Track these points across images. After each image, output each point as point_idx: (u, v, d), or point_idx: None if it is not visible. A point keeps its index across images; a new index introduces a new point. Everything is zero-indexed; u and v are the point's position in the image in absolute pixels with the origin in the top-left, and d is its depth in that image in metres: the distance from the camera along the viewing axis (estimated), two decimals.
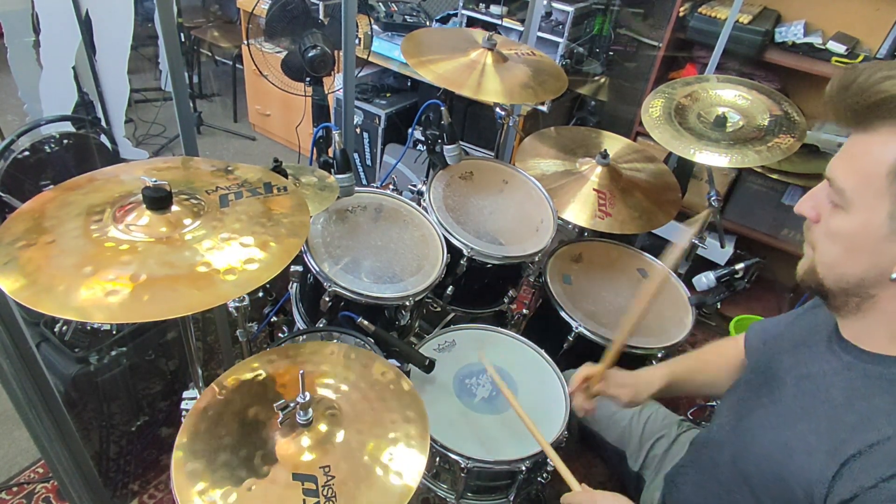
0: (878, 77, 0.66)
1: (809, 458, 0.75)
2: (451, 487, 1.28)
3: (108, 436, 1.66)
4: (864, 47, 2.34)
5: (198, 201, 0.93)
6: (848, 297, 0.75)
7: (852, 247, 0.71)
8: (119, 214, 0.87)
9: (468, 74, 1.65)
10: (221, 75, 4.13)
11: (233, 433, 0.88)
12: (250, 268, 0.83)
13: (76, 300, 0.74)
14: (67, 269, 0.77)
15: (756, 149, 1.55)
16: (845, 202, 0.71)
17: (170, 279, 0.79)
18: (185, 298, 0.77)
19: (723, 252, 2.52)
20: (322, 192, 1.34)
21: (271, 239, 0.89)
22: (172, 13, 1.34)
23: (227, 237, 0.87)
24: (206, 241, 0.86)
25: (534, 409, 1.31)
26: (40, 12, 2.51)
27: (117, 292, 0.75)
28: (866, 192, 0.68)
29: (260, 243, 0.88)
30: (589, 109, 3.01)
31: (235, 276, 0.82)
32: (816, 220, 0.76)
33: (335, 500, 0.81)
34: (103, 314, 0.74)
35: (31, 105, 2.74)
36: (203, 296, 0.78)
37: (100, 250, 0.81)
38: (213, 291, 0.79)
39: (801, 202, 0.78)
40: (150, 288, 0.77)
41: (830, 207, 0.73)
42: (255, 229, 0.90)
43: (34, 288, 0.74)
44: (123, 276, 0.77)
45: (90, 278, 0.76)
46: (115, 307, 0.74)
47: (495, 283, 1.66)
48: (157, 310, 0.75)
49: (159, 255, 0.82)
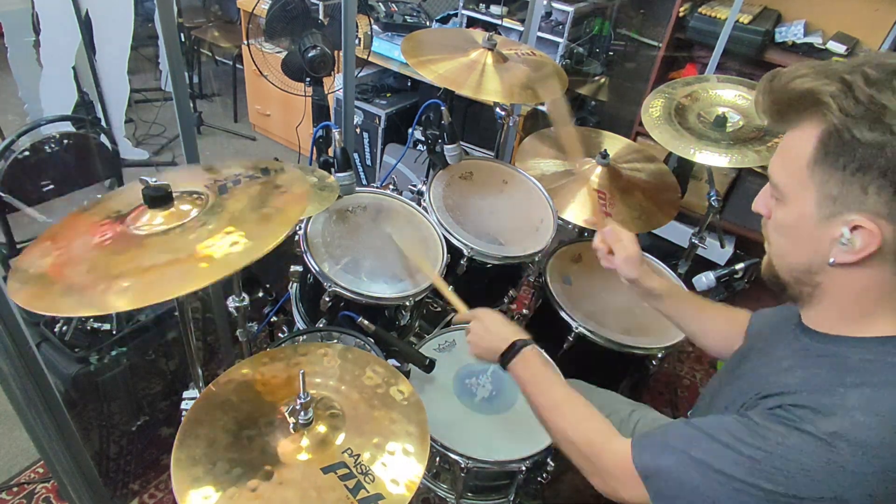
0: (792, 76, 0.70)
1: (742, 403, 0.80)
2: (450, 487, 1.28)
3: (109, 436, 1.66)
4: (864, 47, 2.34)
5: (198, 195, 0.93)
6: (801, 286, 0.78)
7: (794, 237, 0.76)
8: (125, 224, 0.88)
9: (468, 74, 1.65)
10: (221, 75, 4.13)
11: (232, 434, 0.88)
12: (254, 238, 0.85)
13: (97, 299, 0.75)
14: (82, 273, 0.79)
15: (756, 149, 1.55)
16: (782, 196, 0.75)
17: (176, 261, 0.81)
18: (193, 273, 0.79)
19: (722, 252, 2.53)
20: (322, 191, 1.34)
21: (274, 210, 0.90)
22: (172, 13, 1.34)
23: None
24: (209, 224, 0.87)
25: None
26: (40, 12, 2.52)
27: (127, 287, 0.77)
28: (795, 185, 0.73)
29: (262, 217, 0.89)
30: (589, 109, 3.01)
31: (240, 247, 0.83)
32: (769, 216, 0.80)
33: (371, 474, 0.85)
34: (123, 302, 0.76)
35: (32, 105, 2.75)
36: (212, 268, 0.80)
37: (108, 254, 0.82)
38: (223, 262, 0.81)
39: (756, 200, 0.83)
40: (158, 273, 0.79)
41: (774, 203, 0.78)
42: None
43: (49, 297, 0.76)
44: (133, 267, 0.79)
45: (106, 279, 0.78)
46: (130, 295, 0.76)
47: (495, 283, 1.66)
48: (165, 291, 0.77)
49: (163, 244, 0.84)
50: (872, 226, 0.66)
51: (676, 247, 2.56)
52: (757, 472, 0.68)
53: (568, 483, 1.32)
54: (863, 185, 0.66)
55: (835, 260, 0.71)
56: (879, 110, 0.63)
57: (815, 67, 0.69)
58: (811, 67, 0.69)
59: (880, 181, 0.64)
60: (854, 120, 0.64)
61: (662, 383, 2.29)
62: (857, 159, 0.65)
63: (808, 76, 0.69)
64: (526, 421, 1.29)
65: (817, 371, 0.75)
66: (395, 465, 0.86)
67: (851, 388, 0.69)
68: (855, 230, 0.68)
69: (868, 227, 0.66)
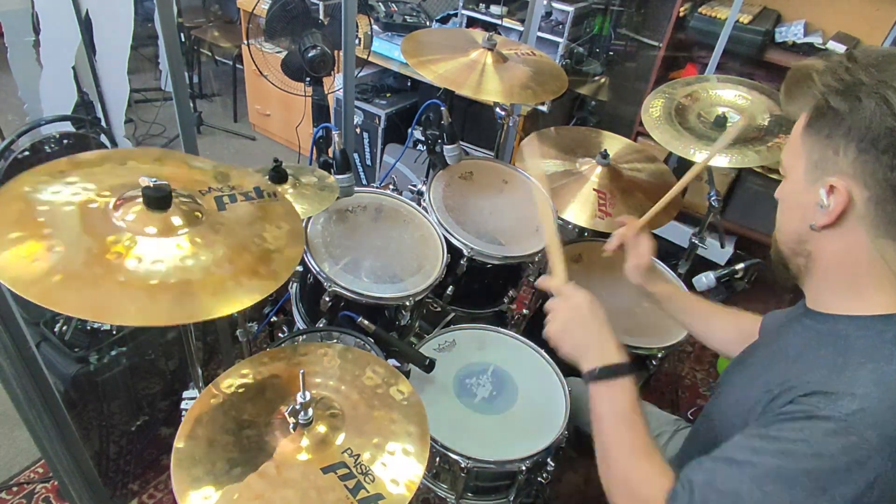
0: (800, 64, 0.78)
1: (754, 405, 0.80)
2: (451, 488, 1.28)
3: (108, 436, 1.66)
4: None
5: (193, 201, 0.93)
6: (796, 258, 0.83)
7: (789, 207, 0.83)
8: (117, 211, 0.86)
9: (468, 74, 1.65)
10: (221, 75, 4.13)
11: (232, 434, 0.88)
12: None
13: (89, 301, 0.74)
14: (78, 269, 0.76)
15: (756, 149, 1.55)
16: (785, 171, 0.83)
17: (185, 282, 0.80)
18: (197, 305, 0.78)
19: (723, 252, 2.52)
20: (322, 192, 1.34)
21: None
22: (172, 13, 1.34)
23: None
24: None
25: (534, 410, 1.31)
26: (40, 12, 2.51)
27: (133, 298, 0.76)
28: (792, 157, 0.80)
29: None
30: (589, 109, 3.01)
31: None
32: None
33: (371, 474, 0.84)
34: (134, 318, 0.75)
35: (31, 105, 2.74)
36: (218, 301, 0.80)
37: (108, 251, 0.80)
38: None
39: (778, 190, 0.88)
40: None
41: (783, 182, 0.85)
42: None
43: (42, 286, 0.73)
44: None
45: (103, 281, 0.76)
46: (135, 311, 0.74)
47: (495, 283, 1.66)
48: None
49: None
50: (842, 185, 0.72)
51: (676, 247, 2.55)
52: (784, 475, 0.67)
53: (569, 483, 1.32)
54: (835, 148, 0.72)
55: (815, 223, 0.76)
56: (855, 83, 0.70)
57: (823, 56, 0.76)
58: (820, 56, 0.77)
59: (845, 141, 0.71)
60: (831, 91, 0.72)
61: (663, 383, 2.29)
62: (830, 125, 0.72)
63: (809, 62, 0.76)
64: (526, 421, 1.29)
65: (823, 353, 0.76)
66: (395, 465, 0.86)
67: (859, 367, 0.70)
68: (831, 192, 0.73)
69: (839, 186, 0.72)
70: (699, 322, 1.24)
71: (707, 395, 2.28)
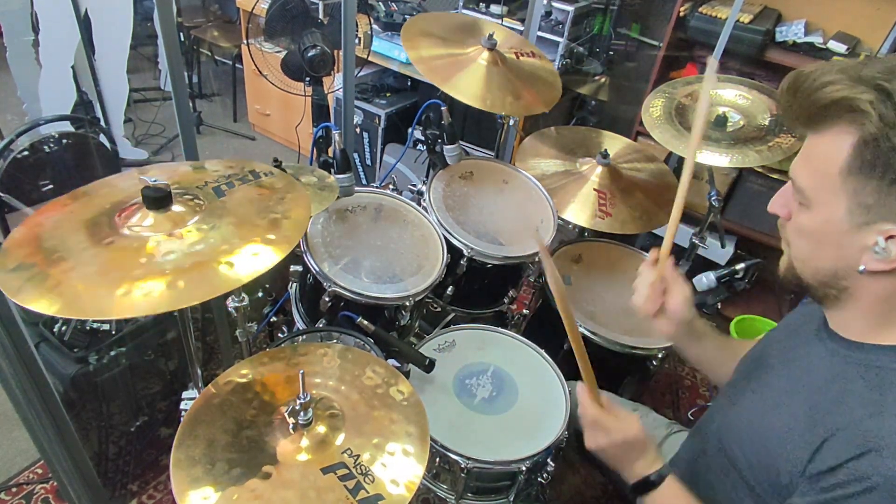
0: (822, 82, 0.68)
1: (788, 440, 0.77)
2: (451, 488, 1.27)
3: (108, 436, 1.66)
4: (865, 47, 2.34)
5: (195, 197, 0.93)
6: (826, 289, 0.77)
7: (819, 242, 0.75)
8: (120, 219, 0.88)
9: (456, 71, 1.64)
10: (221, 75, 4.13)
11: (231, 434, 0.88)
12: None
13: (114, 302, 0.75)
14: (92, 277, 0.78)
15: (756, 149, 1.55)
16: (807, 200, 0.74)
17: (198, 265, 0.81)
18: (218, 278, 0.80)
19: (723, 252, 2.52)
20: (322, 191, 1.34)
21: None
22: (172, 13, 1.33)
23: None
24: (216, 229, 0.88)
25: (534, 410, 1.31)
26: (39, 11, 2.51)
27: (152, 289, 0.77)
28: (823, 191, 0.71)
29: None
30: (589, 109, 3.01)
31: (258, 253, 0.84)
32: (788, 217, 0.80)
33: (371, 474, 0.84)
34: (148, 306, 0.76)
35: (31, 104, 2.74)
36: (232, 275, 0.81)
37: (120, 255, 0.82)
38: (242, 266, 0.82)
39: (772, 201, 0.82)
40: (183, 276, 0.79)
41: (797, 205, 0.77)
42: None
43: (65, 301, 0.75)
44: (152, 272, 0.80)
45: (122, 280, 0.77)
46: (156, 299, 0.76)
47: (495, 283, 1.66)
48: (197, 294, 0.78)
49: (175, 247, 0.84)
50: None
51: (677, 247, 2.54)
52: None
53: (569, 484, 1.32)
54: (889, 190, 0.65)
55: (866, 268, 0.70)
56: None
57: (845, 72, 0.67)
58: (840, 72, 0.68)
59: None
60: (893, 129, 0.63)
61: (663, 384, 2.29)
62: (884, 164, 0.65)
63: (841, 83, 0.67)
64: (526, 421, 1.29)
65: (855, 386, 0.73)
66: (394, 466, 0.86)
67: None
68: (890, 239, 0.67)
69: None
70: (724, 363, 1.11)
71: (707, 395, 2.28)
